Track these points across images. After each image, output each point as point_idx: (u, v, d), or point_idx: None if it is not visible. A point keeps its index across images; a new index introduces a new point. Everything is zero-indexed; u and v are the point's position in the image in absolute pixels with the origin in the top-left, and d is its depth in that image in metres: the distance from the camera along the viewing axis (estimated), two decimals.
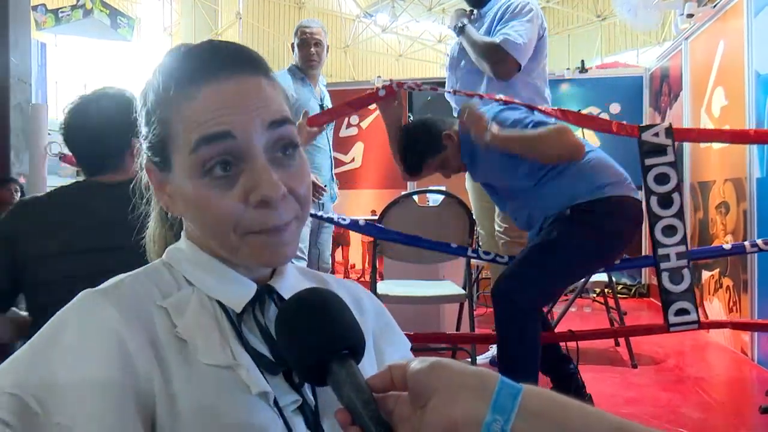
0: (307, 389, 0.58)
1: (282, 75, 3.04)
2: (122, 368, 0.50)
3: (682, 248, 2.09)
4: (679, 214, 2.10)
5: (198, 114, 0.55)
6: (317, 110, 3.08)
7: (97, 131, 1.39)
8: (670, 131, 2.14)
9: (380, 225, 2.57)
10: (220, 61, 0.57)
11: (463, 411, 0.43)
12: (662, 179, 2.12)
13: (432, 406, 0.44)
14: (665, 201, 2.11)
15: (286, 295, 0.59)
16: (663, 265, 2.09)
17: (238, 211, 0.55)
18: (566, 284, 2.24)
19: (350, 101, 2.36)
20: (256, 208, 0.55)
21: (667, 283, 2.10)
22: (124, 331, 0.52)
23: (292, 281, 0.64)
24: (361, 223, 2.45)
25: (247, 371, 0.55)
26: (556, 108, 2.25)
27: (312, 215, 2.49)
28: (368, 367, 0.58)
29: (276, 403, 0.55)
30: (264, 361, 0.57)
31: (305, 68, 3.11)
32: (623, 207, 2.03)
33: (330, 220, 2.56)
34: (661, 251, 2.10)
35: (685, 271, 2.09)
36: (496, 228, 2.78)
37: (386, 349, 0.69)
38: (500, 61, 2.49)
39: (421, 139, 2.20)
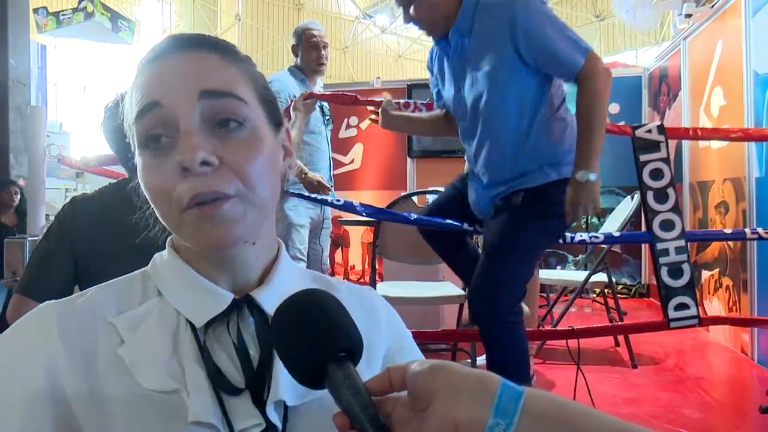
0: (273, 411, 0.54)
1: (283, 76, 3.03)
2: (46, 382, 0.51)
3: (681, 242, 2.09)
4: (676, 209, 2.11)
5: (136, 93, 0.56)
6: (317, 111, 3.08)
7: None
8: (662, 128, 2.19)
9: (379, 211, 2.54)
10: (170, 44, 0.57)
11: (465, 414, 0.42)
12: (657, 175, 2.14)
13: (432, 409, 0.44)
14: (661, 196, 2.12)
15: (268, 307, 0.57)
16: (662, 260, 2.09)
17: (173, 183, 0.53)
18: (534, 268, 2.19)
19: (350, 97, 2.43)
20: (182, 177, 0.52)
21: (666, 278, 2.09)
22: (57, 346, 0.53)
23: (282, 292, 0.56)
24: (357, 205, 2.41)
25: (190, 396, 0.52)
26: None
27: (303, 196, 2.49)
28: None
29: (231, 428, 0.52)
30: (223, 382, 0.54)
31: (313, 70, 3.08)
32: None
33: (324, 202, 2.56)
34: (660, 246, 2.09)
35: (685, 266, 2.09)
36: None
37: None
38: None
39: None
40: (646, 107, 5.49)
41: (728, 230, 2.37)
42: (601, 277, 3.38)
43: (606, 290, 3.67)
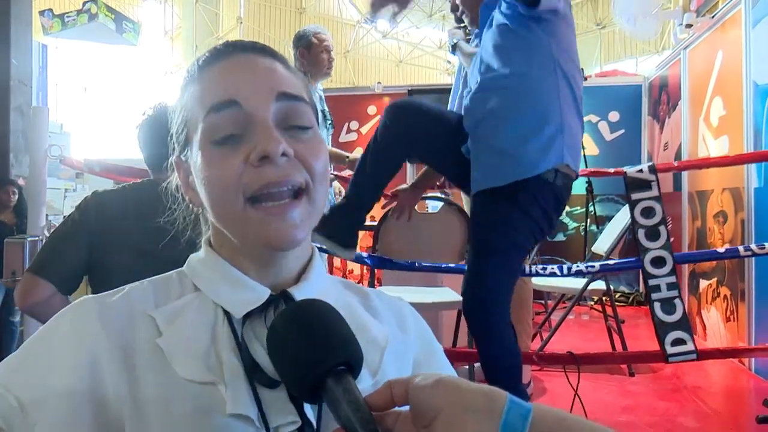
0: (309, 407, 0.54)
1: None
2: (89, 380, 0.51)
3: (672, 279, 2.17)
4: (667, 246, 2.18)
5: (207, 86, 0.58)
6: (319, 116, 3.07)
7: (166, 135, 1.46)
8: (653, 167, 2.25)
9: (382, 261, 2.56)
10: (235, 46, 0.60)
11: None
12: (648, 213, 2.21)
13: (436, 426, 0.42)
14: (653, 234, 2.19)
15: None
16: (654, 296, 2.16)
17: (240, 171, 0.54)
18: (521, 264, 2.09)
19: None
20: (258, 165, 0.54)
21: (660, 313, 2.16)
22: (101, 343, 0.53)
23: (317, 291, 0.59)
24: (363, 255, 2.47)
25: (227, 388, 0.52)
26: None
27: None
28: None
29: (266, 423, 0.52)
30: (261, 375, 0.54)
31: (324, 74, 3.09)
32: (564, 180, 1.85)
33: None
34: (651, 282, 2.17)
35: (677, 301, 2.16)
36: None
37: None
38: None
39: None
40: (645, 116, 5.51)
41: (722, 249, 2.44)
42: (600, 284, 3.39)
43: (604, 298, 3.68)
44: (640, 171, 2.25)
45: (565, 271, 2.28)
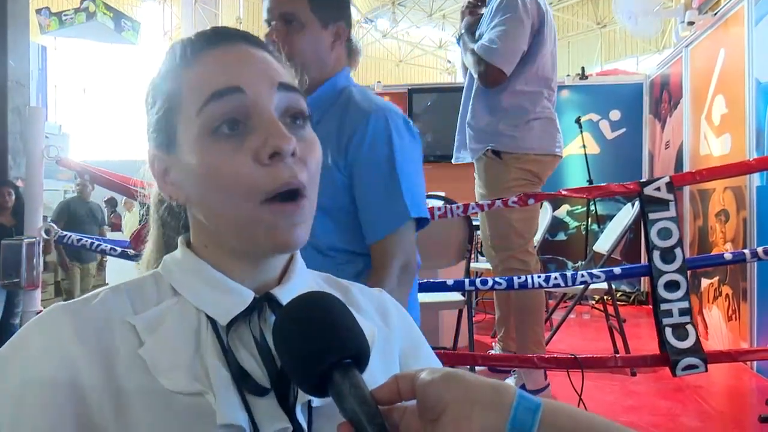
0: (300, 413, 0.53)
1: None
2: (66, 384, 0.49)
3: (685, 304, 2.06)
4: (682, 270, 2.08)
5: (205, 73, 0.55)
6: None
7: None
8: (671, 186, 2.13)
9: None
10: (224, 34, 0.59)
11: (479, 427, 0.40)
12: (665, 234, 2.11)
13: (444, 420, 0.42)
14: (668, 256, 2.09)
15: None
16: (666, 321, 2.06)
17: (251, 170, 0.52)
18: None
19: None
20: (268, 164, 0.52)
21: (672, 340, 2.05)
22: (78, 353, 0.50)
23: (299, 290, 0.56)
24: None
25: (216, 398, 0.50)
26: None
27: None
28: None
29: (257, 430, 0.51)
30: (249, 383, 0.52)
31: None
32: None
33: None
34: (663, 306, 2.07)
35: (689, 327, 2.05)
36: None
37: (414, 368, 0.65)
38: (481, 72, 2.46)
39: None
40: (647, 114, 5.49)
41: (728, 255, 2.32)
42: (601, 284, 3.37)
43: (605, 297, 3.66)
44: (657, 189, 2.14)
45: (570, 282, 2.18)
